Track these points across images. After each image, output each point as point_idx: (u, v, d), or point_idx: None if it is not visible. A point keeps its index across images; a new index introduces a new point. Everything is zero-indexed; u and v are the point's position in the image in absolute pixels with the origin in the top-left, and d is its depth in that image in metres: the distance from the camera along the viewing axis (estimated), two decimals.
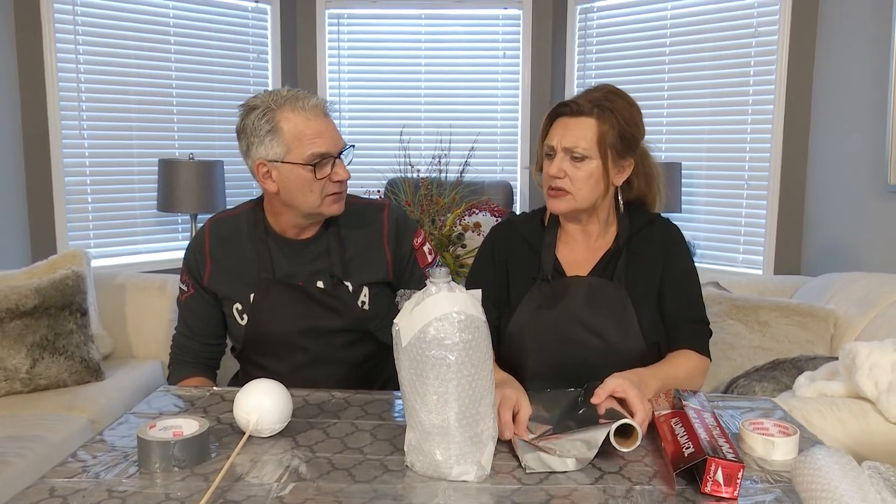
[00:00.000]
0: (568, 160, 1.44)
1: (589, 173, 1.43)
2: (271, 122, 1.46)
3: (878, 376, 1.55)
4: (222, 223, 1.64)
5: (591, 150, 1.42)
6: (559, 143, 1.45)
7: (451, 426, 1.04)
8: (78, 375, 2.44)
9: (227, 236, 1.61)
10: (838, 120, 3.12)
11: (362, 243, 1.61)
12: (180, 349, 1.67)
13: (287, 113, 1.46)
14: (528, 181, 4.25)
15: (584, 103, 1.43)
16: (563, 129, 1.44)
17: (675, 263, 1.51)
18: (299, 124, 1.46)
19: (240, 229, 1.61)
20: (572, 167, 1.44)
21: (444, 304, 1.03)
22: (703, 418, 1.13)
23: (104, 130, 3.52)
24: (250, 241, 1.59)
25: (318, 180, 1.47)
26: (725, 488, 1.01)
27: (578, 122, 1.43)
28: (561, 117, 1.46)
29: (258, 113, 1.47)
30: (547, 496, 1.02)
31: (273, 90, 1.51)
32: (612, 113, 1.42)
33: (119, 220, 3.61)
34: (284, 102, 1.47)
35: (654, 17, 3.76)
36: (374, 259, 1.61)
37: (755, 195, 3.47)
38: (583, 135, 1.42)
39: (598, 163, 1.43)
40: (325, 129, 1.48)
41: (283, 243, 1.59)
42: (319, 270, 1.58)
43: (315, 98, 1.50)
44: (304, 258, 1.58)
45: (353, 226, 1.62)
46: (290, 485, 1.05)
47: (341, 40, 4.23)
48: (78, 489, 1.02)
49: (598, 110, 1.42)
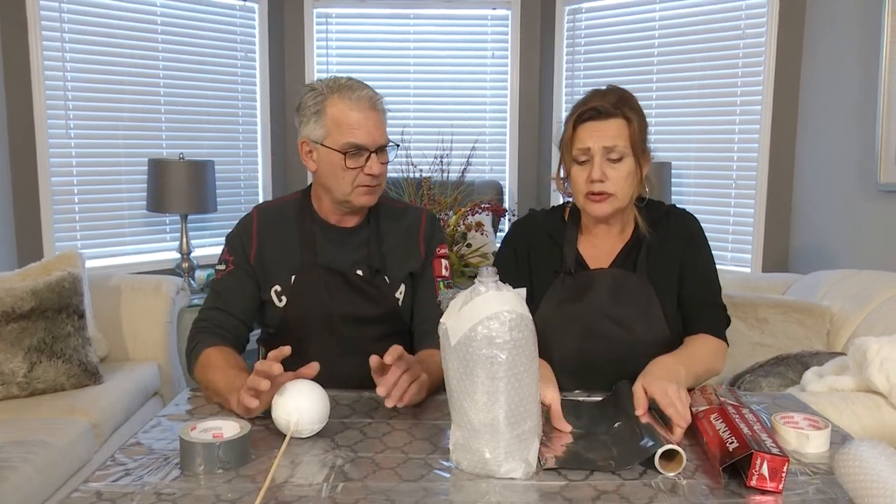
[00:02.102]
0: (606, 162, 1.46)
1: (628, 172, 1.47)
2: (319, 105, 1.52)
3: (889, 370, 1.59)
4: (269, 210, 1.67)
5: (626, 149, 1.46)
6: (596, 144, 1.45)
7: (499, 424, 1.05)
8: (76, 379, 2.40)
9: (273, 220, 1.64)
10: (826, 120, 3.19)
11: (401, 237, 1.65)
12: (209, 321, 1.57)
13: (335, 99, 1.51)
14: (518, 180, 4.27)
15: (609, 106, 1.45)
16: (597, 132, 1.46)
17: (693, 252, 1.55)
18: (343, 112, 1.51)
19: (286, 215, 1.65)
20: (611, 169, 1.46)
21: (493, 304, 1.04)
22: (743, 414, 1.16)
23: (91, 130, 3.46)
24: (296, 225, 1.62)
25: (348, 169, 1.51)
26: (770, 482, 1.03)
27: (609, 123, 1.45)
28: (588, 122, 1.47)
29: (313, 94, 1.54)
30: (595, 492, 1.03)
31: (335, 76, 1.56)
32: (634, 111, 1.47)
33: (107, 220, 3.55)
34: (337, 89, 1.52)
35: (643, 19, 3.80)
36: (412, 252, 1.64)
37: (743, 194, 3.53)
38: (618, 134, 1.45)
39: (632, 160, 1.47)
40: (365, 122, 1.51)
41: (328, 229, 1.62)
42: (360, 260, 1.60)
43: (367, 90, 1.54)
44: (346, 246, 1.61)
45: (392, 222, 1.66)
46: (339, 484, 1.05)
47: (329, 39, 4.21)
48: (125, 493, 1.01)
49: (622, 111, 1.46)
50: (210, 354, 1.47)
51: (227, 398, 1.34)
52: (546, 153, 4.25)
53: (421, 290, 1.64)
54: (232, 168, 4.00)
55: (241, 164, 4.06)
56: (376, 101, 1.55)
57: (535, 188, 4.31)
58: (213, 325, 1.57)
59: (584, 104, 1.49)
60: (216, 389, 1.39)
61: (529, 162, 4.30)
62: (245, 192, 4.10)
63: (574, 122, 1.50)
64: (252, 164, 4.12)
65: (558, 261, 1.56)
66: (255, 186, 4.15)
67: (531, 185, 4.31)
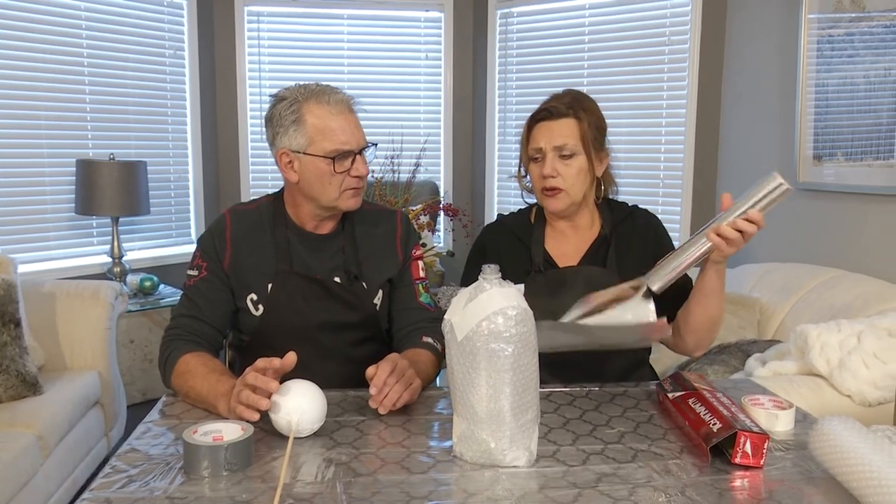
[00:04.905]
0: (557, 159, 1.56)
1: (578, 168, 1.57)
2: (296, 114, 1.49)
3: (829, 354, 1.74)
4: (243, 213, 1.63)
5: (577, 147, 1.56)
6: (547, 143, 1.57)
7: (505, 415, 1.10)
8: (14, 391, 2.30)
9: (247, 225, 1.60)
10: (747, 122, 3.39)
11: (378, 243, 1.64)
12: (182, 328, 1.54)
13: (312, 106, 1.49)
14: (453, 181, 4.33)
15: (561, 106, 1.57)
16: (549, 132, 1.57)
17: (663, 245, 1.64)
18: (323, 118, 1.49)
19: (260, 220, 1.61)
20: (563, 165, 1.56)
21: (499, 300, 1.08)
22: (718, 397, 1.24)
23: (10, 129, 3.29)
24: (270, 232, 1.59)
25: (336, 174, 1.51)
26: (753, 458, 1.12)
27: (560, 123, 1.56)
28: (542, 122, 1.58)
29: (286, 104, 1.51)
30: (595, 475, 1.09)
31: (304, 83, 1.54)
32: (587, 111, 1.58)
33: (30, 224, 3.39)
34: (311, 96, 1.50)
35: (573, 24, 3.93)
36: (388, 258, 1.64)
37: (670, 192, 3.71)
38: (568, 132, 1.56)
39: (584, 157, 1.57)
40: (347, 125, 1.51)
41: (303, 236, 1.60)
42: (336, 266, 1.59)
43: (341, 94, 1.53)
44: (322, 253, 1.60)
45: (368, 227, 1.65)
46: (351, 480, 1.07)
47: (261, 38, 4.15)
48: (135, 499, 1.00)
49: (574, 111, 1.56)
50: (188, 361, 1.44)
51: (213, 404, 1.33)
52: (479, 154, 4.32)
53: (399, 293, 1.65)
54: (162, 169, 3.89)
55: (170, 164, 3.95)
56: (351, 103, 1.55)
57: (470, 188, 4.39)
58: (186, 332, 1.53)
59: (540, 106, 1.60)
60: (199, 396, 1.37)
61: (463, 162, 4.37)
62: (175, 192, 3.99)
63: (529, 122, 1.61)
64: (182, 165, 4.01)
65: (527, 261, 1.63)
66: (185, 188, 4.04)
67: (465, 185, 4.38)
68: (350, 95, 1.56)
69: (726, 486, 1.07)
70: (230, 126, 4.15)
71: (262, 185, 4.16)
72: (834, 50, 2.75)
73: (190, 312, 1.55)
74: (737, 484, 1.08)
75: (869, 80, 2.58)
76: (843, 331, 1.77)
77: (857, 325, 1.80)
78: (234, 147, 4.15)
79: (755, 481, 1.09)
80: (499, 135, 4.25)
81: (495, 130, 4.25)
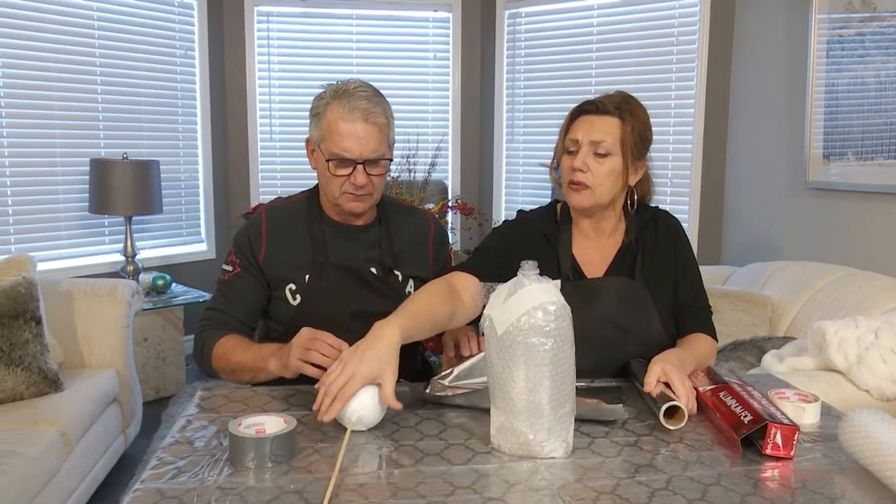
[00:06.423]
0: (591, 155, 1.51)
1: (610, 169, 1.52)
2: (321, 109, 1.56)
3: (846, 350, 1.77)
4: (278, 210, 1.68)
5: (614, 147, 1.51)
6: (585, 136, 1.51)
7: (543, 407, 1.12)
8: (36, 387, 2.32)
9: (283, 220, 1.66)
10: (756, 122, 3.42)
11: (410, 239, 1.69)
12: (214, 320, 1.61)
13: (334, 105, 1.54)
14: (461, 180, 4.36)
15: (609, 104, 1.52)
16: (589, 125, 1.52)
17: (684, 258, 1.62)
18: (335, 120, 1.54)
19: (295, 215, 1.67)
20: (595, 162, 1.51)
21: (538, 295, 1.11)
22: (748, 390, 1.27)
23: (25, 129, 3.31)
24: (306, 225, 1.64)
25: (335, 176, 1.56)
26: (783, 449, 1.15)
27: (603, 119, 1.52)
28: (585, 115, 1.54)
29: (320, 96, 1.58)
30: (632, 465, 1.12)
31: (345, 81, 1.58)
32: (633, 116, 1.53)
33: (44, 223, 3.41)
34: (337, 95, 1.55)
35: (581, 24, 3.96)
36: (420, 256, 1.69)
37: (679, 192, 3.74)
38: (608, 131, 1.51)
39: (619, 160, 1.52)
40: (354, 134, 1.52)
41: (338, 228, 1.65)
42: (372, 258, 1.64)
43: (364, 102, 1.53)
44: (357, 244, 1.65)
45: (402, 223, 1.71)
46: (395, 471, 1.09)
47: (271, 38, 4.18)
48: (188, 489, 1.02)
49: (620, 111, 1.52)
50: (224, 343, 1.53)
51: (261, 367, 1.43)
52: (487, 153, 4.35)
53: None
54: (172, 168, 3.91)
55: (181, 163, 3.97)
56: (370, 114, 1.54)
57: (478, 187, 4.41)
58: (217, 323, 1.60)
59: (587, 99, 1.55)
60: (245, 366, 1.46)
61: (471, 161, 4.39)
62: (186, 192, 4.01)
63: (572, 113, 1.56)
64: (193, 164, 4.04)
65: (553, 262, 1.57)
66: (195, 187, 4.06)
67: (474, 185, 4.40)
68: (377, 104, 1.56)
69: (758, 476, 1.10)
70: (240, 125, 4.18)
71: (271, 185, 4.19)
72: (844, 50, 2.78)
73: (221, 307, 1.62)
74: (768, 474, 1.11)
75: (880, 80, 2.61)
76: (860, 327, 1.80)
77: (874, 322, 1.83)
78: (243, 146, 4.18)
79: (786, 472, 1.12)
80: (507, 134, 4.28)
81: (503, 130, 4.28)
